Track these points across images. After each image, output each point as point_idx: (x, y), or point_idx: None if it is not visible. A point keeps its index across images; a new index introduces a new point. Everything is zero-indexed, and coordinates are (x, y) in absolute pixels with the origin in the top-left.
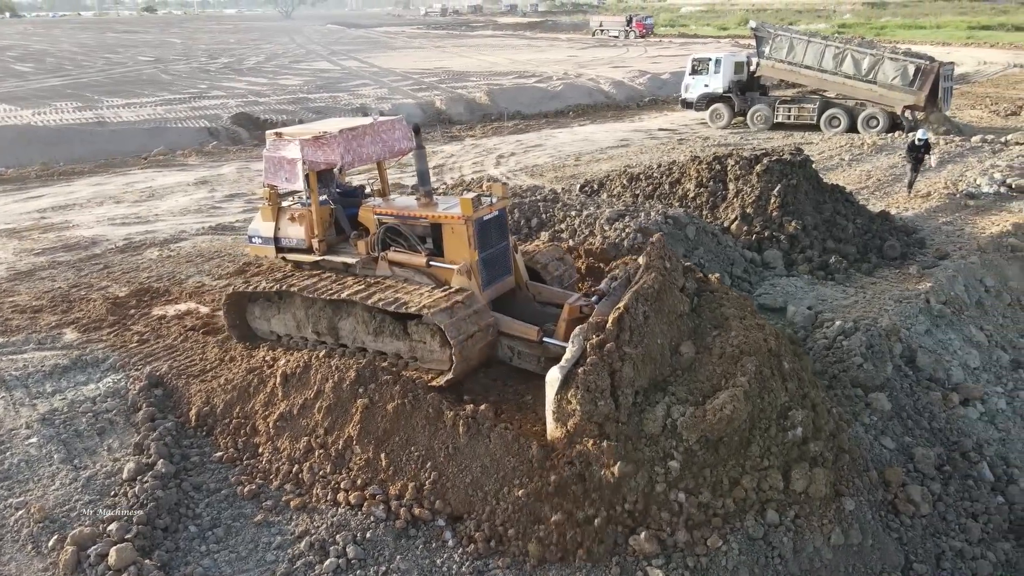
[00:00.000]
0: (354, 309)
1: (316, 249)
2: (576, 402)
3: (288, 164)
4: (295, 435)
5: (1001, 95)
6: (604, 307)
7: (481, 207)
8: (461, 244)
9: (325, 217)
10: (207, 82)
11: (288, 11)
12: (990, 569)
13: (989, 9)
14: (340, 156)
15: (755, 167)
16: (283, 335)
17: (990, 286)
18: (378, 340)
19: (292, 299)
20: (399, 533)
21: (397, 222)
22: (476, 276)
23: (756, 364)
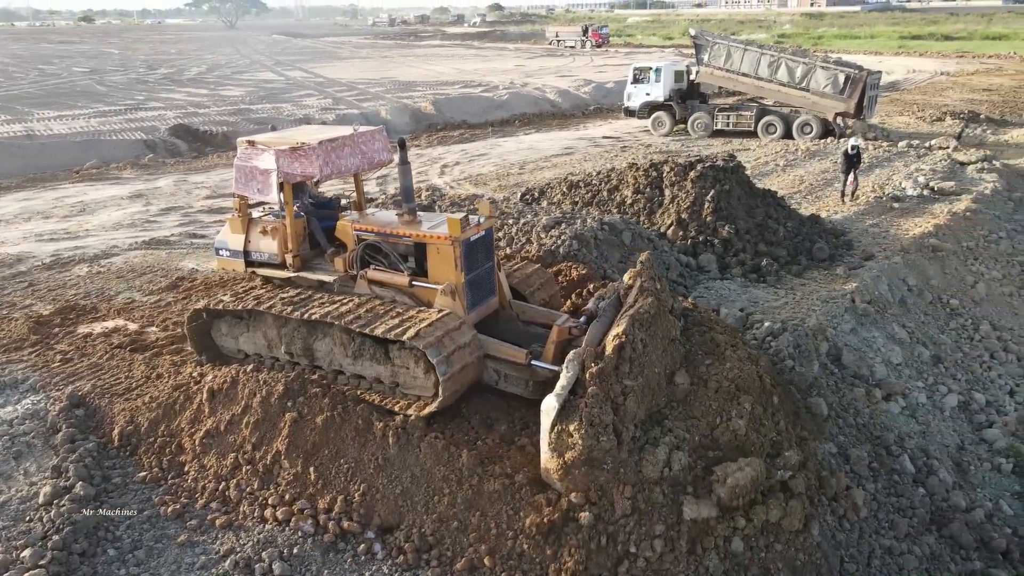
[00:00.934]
0: (331, 330)
1: (290, 265)
2: (578, 436)
3: (261, 175)
4: (222, 452)
5: (928, 102)
6: (595, 329)
7: (469, 227)
8: (447, 265)
9: (300, 230)
10: (145, 93)
11: (232, 21)
12: (915, 563)
13: (920, 20)
14: (319, 168)
15: (689, 173)
16: (251, 354)
17: (912, 285)
18: (357, 364)
19: (263, 317)
20: (327, 547)
21: (378, 239)
22: (461, 298)
23: (752, 403)
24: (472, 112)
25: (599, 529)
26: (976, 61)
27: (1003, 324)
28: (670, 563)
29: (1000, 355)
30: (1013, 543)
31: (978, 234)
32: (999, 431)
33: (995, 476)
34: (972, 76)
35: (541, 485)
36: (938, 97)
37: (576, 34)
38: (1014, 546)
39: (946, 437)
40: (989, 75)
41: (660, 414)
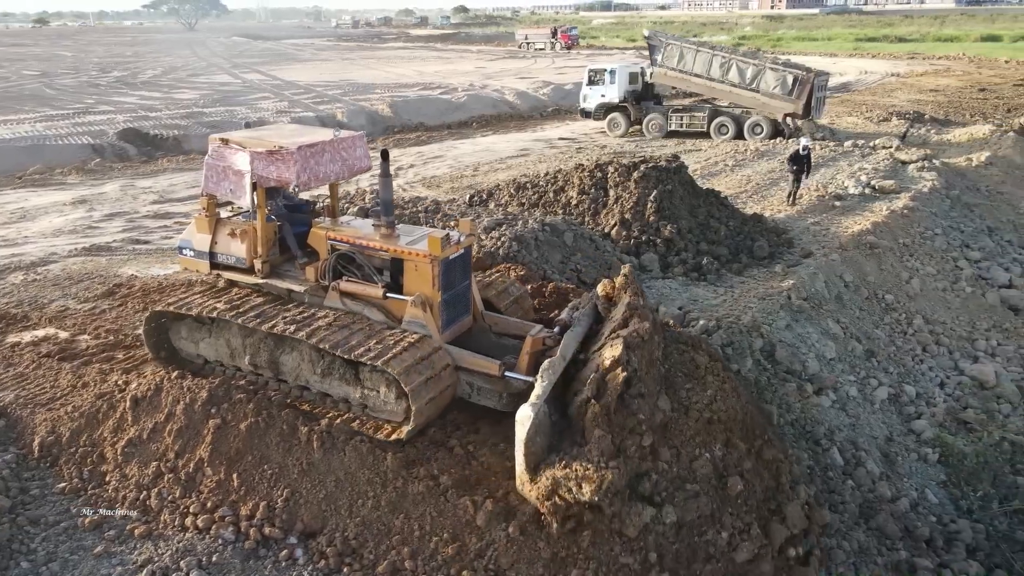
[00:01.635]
0: (300, 345)
1: (259, 271)
2: (587, 484)
3: (235, 175)
4: (144, 461)
5: (877, 102)
6: (569, 338)
7: (449, 246)
8: (424, 283)
9: (271, 235)
10: (95, 97)
11: (192, 23)
12: (843, 558)
13: (876, 22)
14: (296, 174)
15: (633, 174)
16: (212, 361)
17: (849, 281)
18: (325, 382)
19: (228, 324)
20: (248, 554)
21: (353, 250)
22: (436, 314)
23: (741, 455)
24: (429, 114)
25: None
26: (926, 62)
27: (936, 318)
28: None
29: (932, 348)
30: (937, 531)
31: (915, 231)
32: (927, 422)
33: (921, 466)
34: (921, 77)
35: (467, 487)
36: (887, 98)
37: (545, 36)
38: (937, 534)
39: (875, 429)
40: (937, 76)
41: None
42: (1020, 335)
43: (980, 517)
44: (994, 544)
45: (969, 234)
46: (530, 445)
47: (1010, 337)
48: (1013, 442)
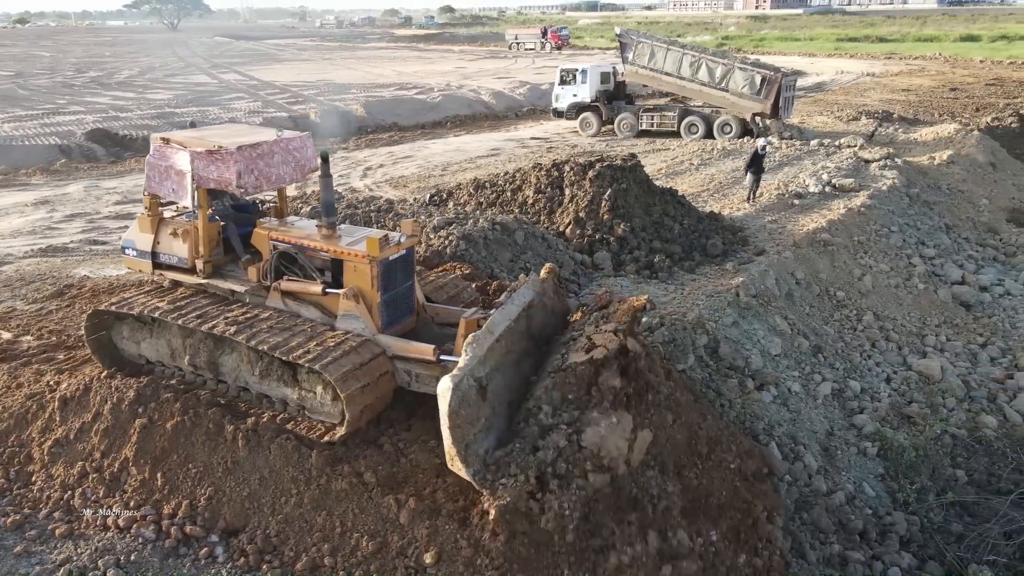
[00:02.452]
0: (239, 346)
1: (200, 271)
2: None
3: (176, 175)
4: (70, 461)
5: (849, 102)
6: (499, 316)
7: (388, 247)
8: (363, 283)
9: (213, 235)
10: (68, 97)
11: (174, 23)
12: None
13: (858, 22)
14: (237, 175)
15: (588, 173)
16: (154, 361)
17: (800, 278)
18: (264, 383)
19: (168, 325)
20: (167, 553)
21: (294, 250)
22: (375, 313)
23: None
24: (404, 114)
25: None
26: (902, 62)
27: (887, 314)
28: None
29: (881, 344)
30: (871, 524)
31: (870, 228)
32: (868, 416)
33: (860, 460)
34: (896, 77)
35: (393, 485)
36: (860, 97)
37: (536, 36)
38: (872, 527)
39: (816, 424)
40: (911, 76)
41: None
42: (970, 331)
43: (915, 509)
44: (928, 536)
45: (926, 231)
46: (454, 419)
47: (960, 333)
48: (954, 436)
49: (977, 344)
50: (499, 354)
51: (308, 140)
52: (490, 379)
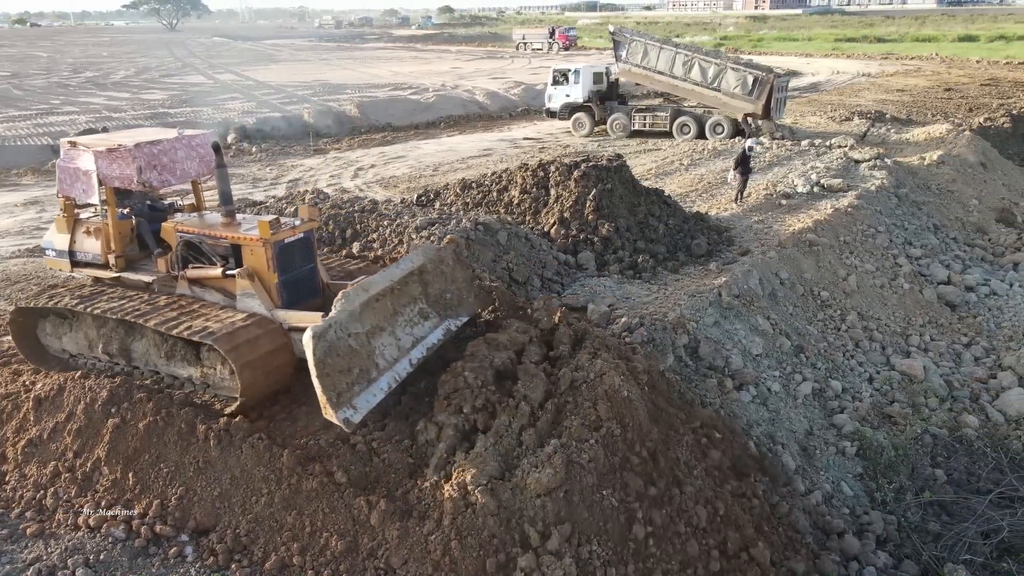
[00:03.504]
0: (145, 331)
1: (113, 265)
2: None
3: (84, 176)
4: (43, 460)
5: (843, 102)
6: (379, 276)
7: (280, 230)
8: (259, 265)
9: (125, 232)
10: (63, 97)
11: (172, 23)
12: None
13: (857, 22)
14: (137, 171)
15: (573, 173)
16: (75, 354)
17: (784, 278)
18: (170, 364)
19: (83, 317)
20: (137, 552)
21: (197, 239)
22: (274, 293)
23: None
24: (397, 115)
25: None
26: (899, 63)
27: (871, 314)
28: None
29: (864, 344)
30: (848, 523)
31: (857, 229)
32: (848, 416)
33: (839, 459)
34: (891, 77)
35: (364, 485)
36: (854, 98)
37: (543, 36)
38: (848, 526)
39: (795, 424)
40: (907, 76)
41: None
42: (954, 330)
43: (893, 509)
44: (905, 535)
45: (913, 232)
46: (321, 368)
47: (944, 332)
48: (935, 435)
49: (961, 344)
50: (383, 313)
51: (212, 137)
52: (372, 335)
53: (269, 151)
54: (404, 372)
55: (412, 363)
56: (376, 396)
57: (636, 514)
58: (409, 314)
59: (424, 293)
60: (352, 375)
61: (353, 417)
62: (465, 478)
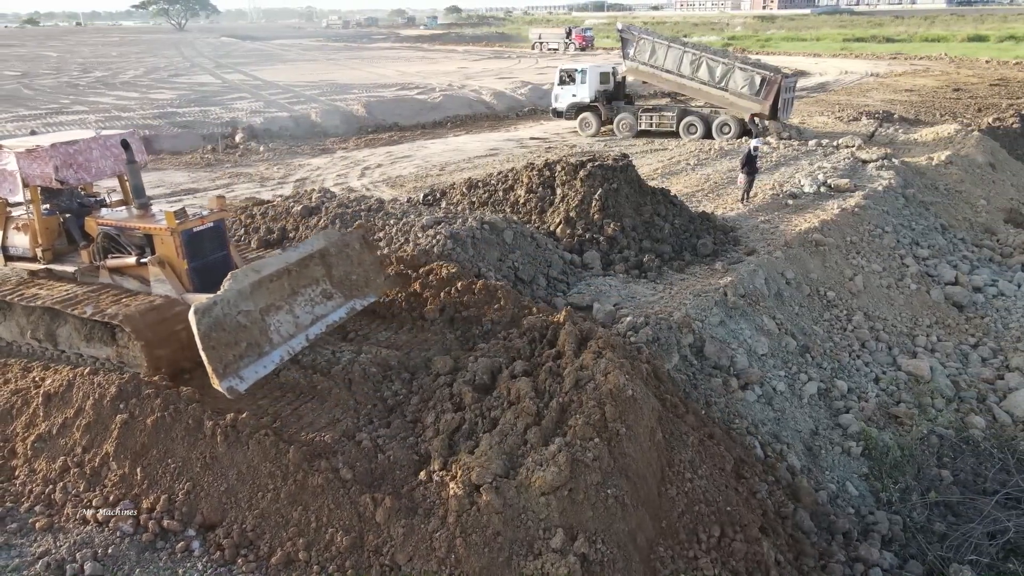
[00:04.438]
0: (67, 316)
1: (40, 258)
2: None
3: (9, 176)
4: (52, 455)
5: (850, 102)
6: (272, 259)
7: (187, 220)
8: (169, 252)
9: (52, 227)
10: (72, 97)
11: (181, 23)
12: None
13: (866, 22)
14: (54, 169)
15: (579, 173)
16: (10, 342)
17: (790, 278)
18: (90, 346)
19: (14, 306)
20: (145, 546)
21: (114, 231)
22: (185, 281)
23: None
24: (404, 114)
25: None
26: (907, 63)
27: (877, 314)
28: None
29: (871, 344)
30: (853, 523)
31: (864, 229)
32: (854, 416)
33: (845, 459)
34: (900, 77)
35: (370, 481)
36: (862, 98)
37: (560, 36)
38: (853, 526)
39: (800, 423)
40: (915, 76)
41: None
42: (962, 331)
43: (899, 509)
44: (910, 535)
45: (920, 232)
46: (207, 341)
47: (951, 333)
48: (941, 436)
49: (969, 345)
50: (280, 293)
51: (131, 137)
52: (266, 313)
53: (277, 150)
54: (299, 346)
55: (309, 339)
56: (267, 368)
57: (641, 513)
58: (311, 294)
59: (328, 275)
60: (240, 348)
61: (238, 386)
62: (470, 476)
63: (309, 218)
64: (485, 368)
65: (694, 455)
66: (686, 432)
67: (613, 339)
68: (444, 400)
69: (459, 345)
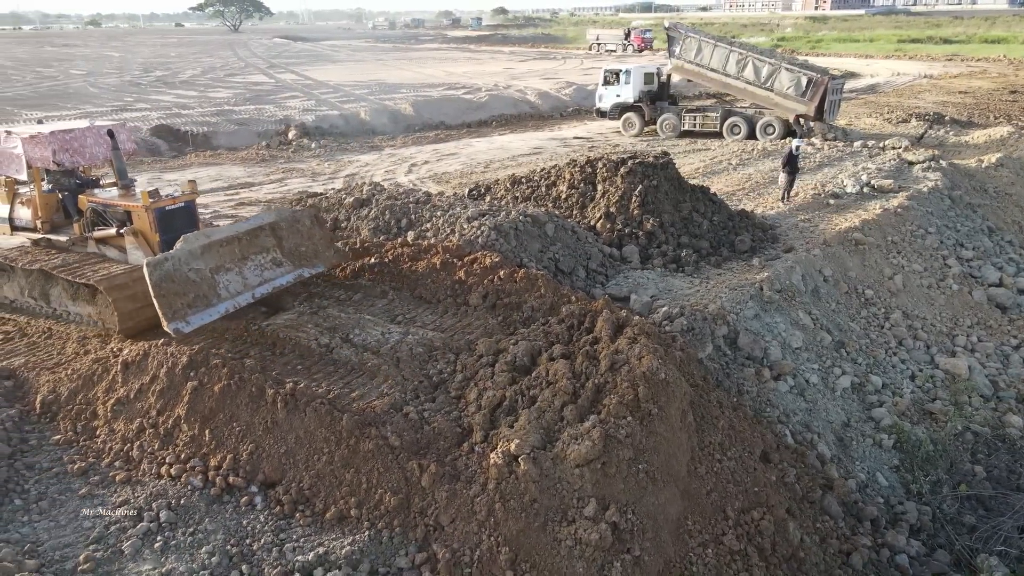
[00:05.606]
0: (58, 279)
1: (39, 229)
2: None
3: (16, 158)
4: (130, 417)
5: (901, 104)
6: (225, 227)
7: (160, 199)
8: (144, 227)
9: (51, 203)
10: (135, 95)
11: (235, 25)
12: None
13: (923, 23)
14: (52, 153)
15: (620, 169)
16: (13, 300)
17: (828, 275)
18: (75, 305)
19: (16, 269)
20: (213, 499)
21: (101, 207)
22: (154, 247)
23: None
24: (450, 113)
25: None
26: (964, 64)
27: (916, 313)
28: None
29: (908, 342)
30: (882, 511)
31: (906, 229)
32: (887, 410)
33: (876, 451)
34: (954, 79)
35: (416, 450)
36: (913, 99)
37: (618, 38)
38: (882, 514)
39: (832, 415)
40: (972, 78)
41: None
42: (1004, 332)
43: (929, 500)
44: (939, 526)
45: (965, 233)
46: (158, 290)
47: (993, 334)
48: (977, 433)
49: (1011, 346)
50: (231, 257)
51: (122, 128)
52: (216, 272)
53: (327, 147)
54: (244, 302)
55: (255, 296)
56: (212, 316)
57: (671, 489)
58: (261, 260)
59: (278, 245)
60: (188, 298)
61: (183, 328)
62: (510, 447)
63: (360, 209)
64: (525, 350)
65: (724, 438)
66: (716, 416)
67: (648, 326)
68: (486, 378)
69: (500, 329)
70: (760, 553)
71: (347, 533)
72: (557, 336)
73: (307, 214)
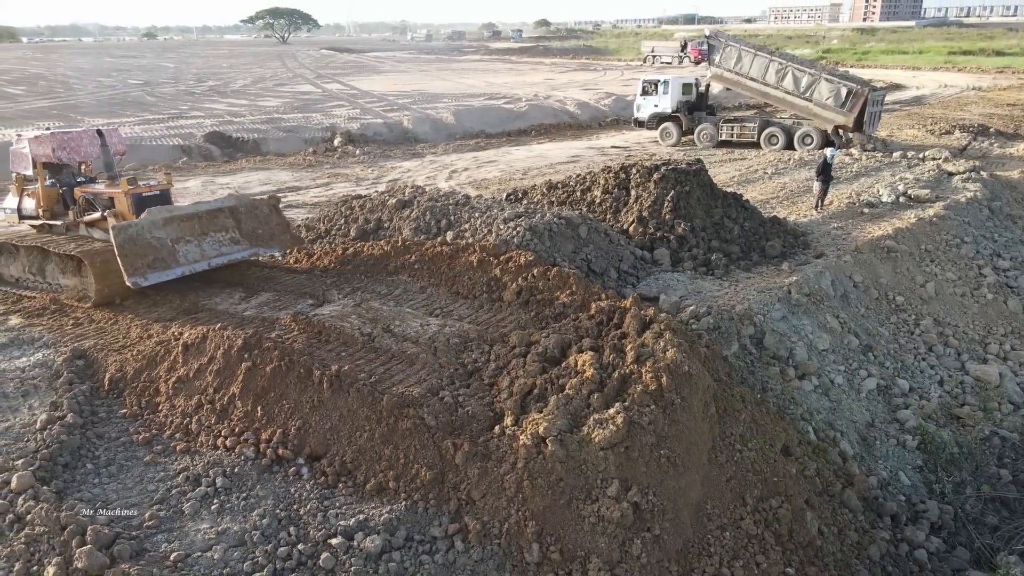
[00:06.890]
0: (50, 255)
1: (41, 216)
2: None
3: (24, 157)
4: (189, 394)
5: (945, 115)
6: (185, 205)
7: (137, 186)
8: (124, 210)
9: (52, 195)
10: (189, 103)
11: (284, 37)
12: None
13: (975, 35)
14: (52, 150)
15: (653, 175)
16: (19, 278)
17: (858, 281)
18: (64, 277)
19: (19, 250)
20: (263, 469)
21: (91, 196)
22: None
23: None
24: (491, 122)
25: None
26: (1015, 76)
27: (948, 321)
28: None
29: (938, 348)
30: (902, 507)
31: (941, 238)
32: (912, 412)
33: (899, 451)
34: (1004, 91)
35: (450, 430)
36: (958, 111)
37: (674, 50)
38: (903, 511)
39: (856, 415)
40: (1021, 91)
41: None
42: None
43: (951, 500)
44: (960, 524)
45: (1003, 244)
46: (122, 250)
47: None
48: (1004, 438)
49: None
50: (191, 231)
51: (115, 131)
52: (177, 242)
53: (371, 154)
54: (200, 269)
55: (210, 265)
56: (168, 276)
57: (691, 474)
58: (220, 238)
59: (237, 226)
60: (148, 259)
61: (141, 282)
62: (538, 430)
63: (402, 210)
64: (556, 343)
65: (745, 430)
66: (739, 410)
67: (674, 323)
68: (518, 368)
69: (533, 324)
70: (777, 538)
71: (385, 503)
72: (587, 331)
73: (266, 202)
